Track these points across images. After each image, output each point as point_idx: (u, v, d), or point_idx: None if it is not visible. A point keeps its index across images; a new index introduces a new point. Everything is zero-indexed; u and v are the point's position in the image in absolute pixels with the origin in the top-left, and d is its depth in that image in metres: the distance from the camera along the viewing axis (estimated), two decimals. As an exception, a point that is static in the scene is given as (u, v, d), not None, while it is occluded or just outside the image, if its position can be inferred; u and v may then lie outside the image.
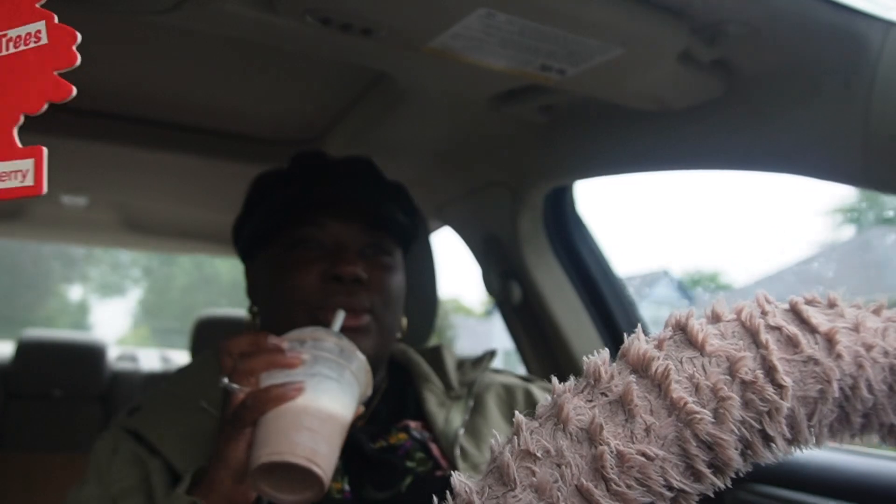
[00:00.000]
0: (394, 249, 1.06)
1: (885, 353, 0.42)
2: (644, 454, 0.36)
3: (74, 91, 0.41)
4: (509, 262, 1.58)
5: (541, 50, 0.91)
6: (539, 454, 0.37)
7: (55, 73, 0.41)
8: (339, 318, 0.91)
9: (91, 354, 2.63)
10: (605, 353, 0.41)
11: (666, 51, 0.90)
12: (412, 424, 1.02)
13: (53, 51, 0.41)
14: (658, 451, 0.37)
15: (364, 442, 0.97)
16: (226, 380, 0.80)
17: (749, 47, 0.91)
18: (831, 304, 0.44)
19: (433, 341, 1.37)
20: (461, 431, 1.00)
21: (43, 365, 2.55)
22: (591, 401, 0.39)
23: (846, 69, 0.85)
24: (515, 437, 0.39)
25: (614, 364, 0.41)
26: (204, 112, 1.48)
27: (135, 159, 1.63)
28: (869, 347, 0.42)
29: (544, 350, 1.60)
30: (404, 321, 1.09)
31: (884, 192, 0.90)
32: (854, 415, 0.42)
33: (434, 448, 1.00)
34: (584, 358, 0.41)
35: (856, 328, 0.42)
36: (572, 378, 0.41)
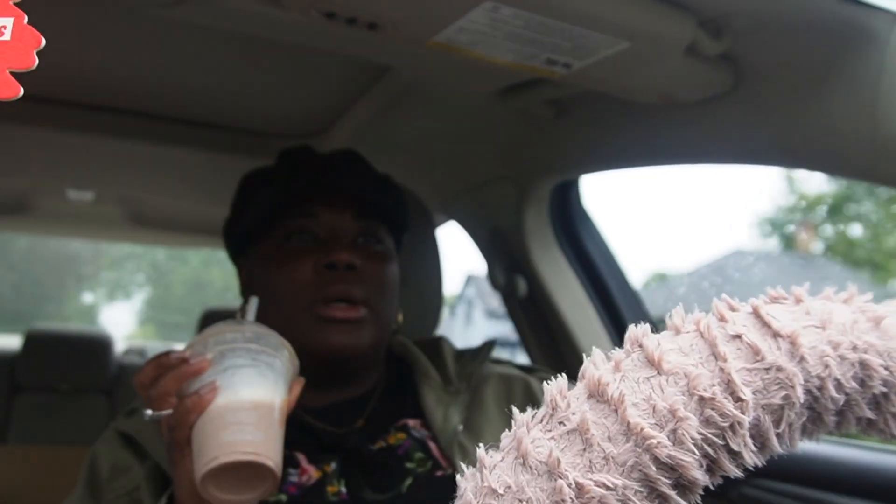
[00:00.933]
0: (386, 238, 1.05)
1: (854, 348, 0.41)
2: (604, 484, 0.36)
3: (21, 91, 0.41)
4: (515, 256, 1.57)
5: (546, 44, 0.91)
6: (501, 490, 0.37)
7: (7, 70, 0.41)
8: (253, 305, 0.87)
9: (97, 348, 2.64)
10: (563, 380, 0.40)
11: (672, 44, 0.90)
12: (411, 423, 1.01)
13: (13, 49, 0.41)
14: (617, 480, 0.36)
15: (362, 444, 0.96)
16: (148, 412, 0.77)
17: (756, 41, 0.91)
18: (797, 301, 0.43)
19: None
20: (460, 428, 0.98)
21: (50, 358, 2.56)
22: (549, 431, 0.38)
23: (853, 62, 0.84)
24: (478, 473, 0.38)
25: (573, 389, 0.40)
26: (209, 107, 1.48)
27: (141, 154, 1.63)
28: (836, 345, 0.40)
29: (549, 345, 1.60)
30: (400, 316, 1.08)
31: (891, 186, 0.89)
32: (826, 414, 0.41)
33: (433, 447, 0.98)
34: (544, 384, 0.40)
35: (823, 325, 0.41)
36: (529, 408, 0.41)
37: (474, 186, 1.59)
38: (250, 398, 0.74)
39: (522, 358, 1.73)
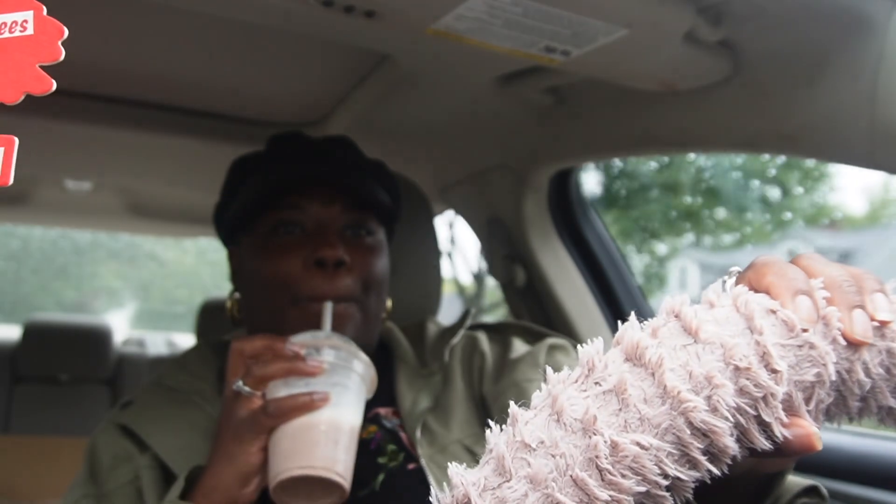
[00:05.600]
0: (376, 229, 1.02)
1: (883, 336, 0.41)
2: (638, 444, 0.37)
3: (54, 86, 0.40)
4: (513, 244, 1.58)
5: (545, 31, 0.90)
6: (534, 445, 0.38)
7: (38, 66, 0.40)
8: (328, 312, 0.88)
9: (97, 338, 2.64)
10: (600, 342, 0.41)
11: (671, 31, 0.90)
12: (382, 412, 0.99)
13: (38, 43, 0.41)
14: (652, 441, 0.37)
15: None
16: (240, 382, 0.80)
17: (754, 27, 0.91)
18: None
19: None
20: (426, 409, 0.97)
21: (49, 349, 2.57)
22: (585, 391, 0.39)
23: (852, 50, 0.84)
24: (511, 427, 0.39)
25: (608, 353, 0.41)
26: (207, 95, 1.47)
27: (138, 143, 1.63)
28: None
29: (548, 333, 1.60)
30: (389, 303, 1.06)
31: (889, 172, 0.89)
32: (851, 398, 0.42)
33: (404, 437, 0.96)
34: (579, 347, 0.41)
35: None
36: (566, 367, 0.41)
37: (473, 175, 1.59)
38: (349, 420, 0.78)
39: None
